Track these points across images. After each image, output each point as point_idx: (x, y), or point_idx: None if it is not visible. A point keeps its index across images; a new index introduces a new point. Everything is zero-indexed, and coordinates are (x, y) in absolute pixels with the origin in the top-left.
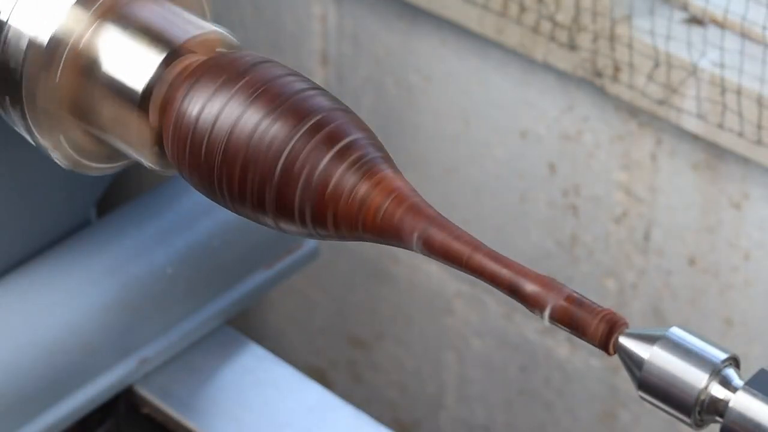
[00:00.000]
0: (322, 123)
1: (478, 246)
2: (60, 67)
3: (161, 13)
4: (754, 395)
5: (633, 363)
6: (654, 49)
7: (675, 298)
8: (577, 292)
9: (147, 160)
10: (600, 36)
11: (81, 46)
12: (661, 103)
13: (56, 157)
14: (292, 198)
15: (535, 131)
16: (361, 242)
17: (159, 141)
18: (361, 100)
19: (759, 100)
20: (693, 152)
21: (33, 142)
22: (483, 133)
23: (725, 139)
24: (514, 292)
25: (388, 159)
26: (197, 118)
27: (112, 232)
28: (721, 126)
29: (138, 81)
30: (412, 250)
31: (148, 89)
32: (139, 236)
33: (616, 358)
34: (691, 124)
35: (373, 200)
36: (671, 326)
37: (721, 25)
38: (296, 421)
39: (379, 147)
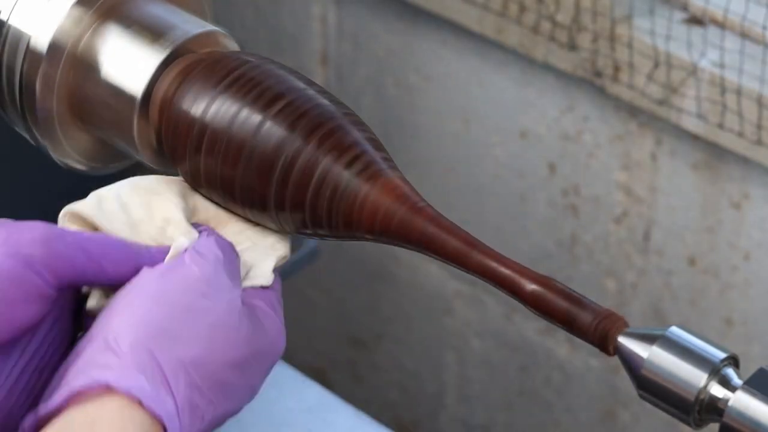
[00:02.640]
0: (323, 122)
1: (478, 245)
2: (60, 67)
3: (161, 13)
4: (754, 394)
5: (632, 362)
6: (654, 49)
7: (675, 298)
8: (576, 292)
9: (147, 160)
10: (600, 36)
11: (81, 45)
12: (661, 103)
13: (56, 156)
14: (291, 198)
15: (535, 131)
16: (361, 242)
17: (159, 141)
18: (361, 100)
19: (759, 100)
20: (693, 152)
21: (33, 142)
22: (483, 133)
23: (725, 139)
24: (514, 291)
25: (388, 159)
26: (196, 118)
27: None
28: (721, 126)
29: (138, 81)
30: (412, 249)
31: (148, 89)
32: None
33: (615, 358)
34: (691, 124)
35: (373, 201)
36: (671, 326)
37: (721, 25)
38: (296, 421)
39: (380, 147)
